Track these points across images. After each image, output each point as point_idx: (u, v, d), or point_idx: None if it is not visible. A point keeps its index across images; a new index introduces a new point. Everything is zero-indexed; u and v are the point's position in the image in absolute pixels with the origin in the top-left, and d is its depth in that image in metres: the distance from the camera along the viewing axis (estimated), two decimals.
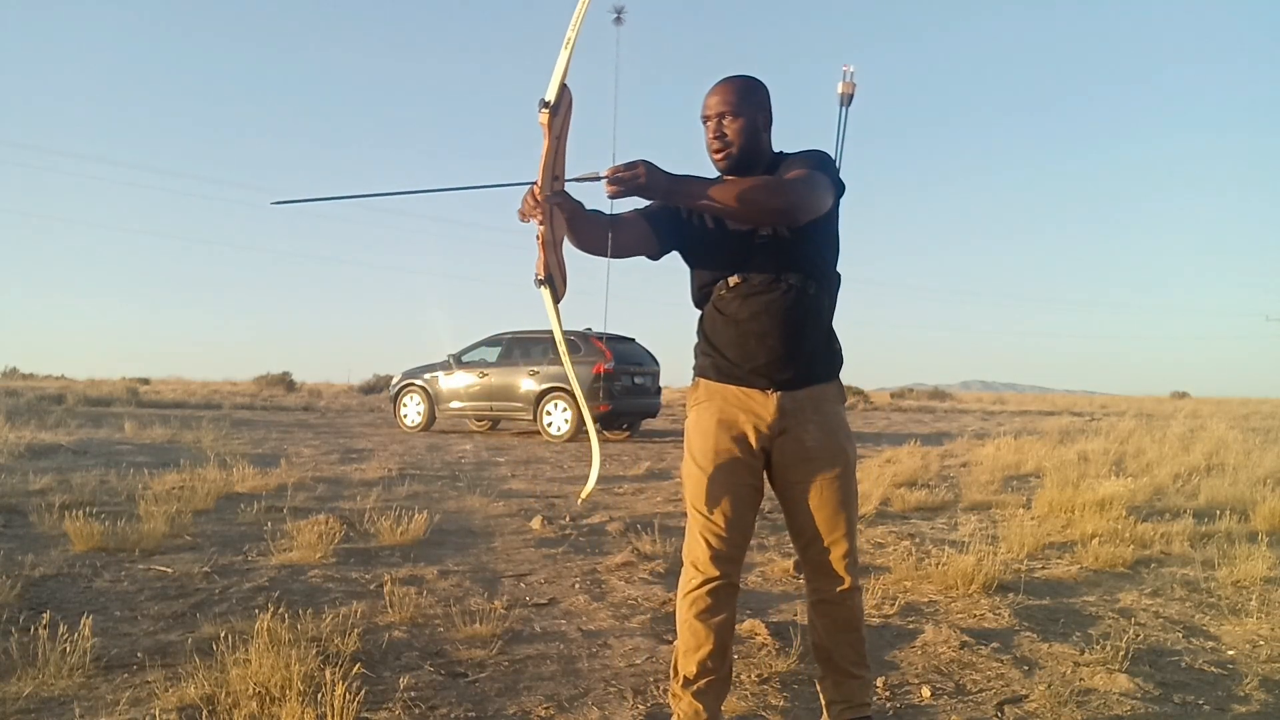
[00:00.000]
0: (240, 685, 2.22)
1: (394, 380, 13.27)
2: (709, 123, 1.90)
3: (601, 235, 1.83)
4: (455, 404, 12.36)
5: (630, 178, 1.65)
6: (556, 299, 1.81)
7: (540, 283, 1.77)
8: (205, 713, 2.12)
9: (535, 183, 1.71)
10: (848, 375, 2.02)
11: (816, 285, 1.89)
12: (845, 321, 2.01)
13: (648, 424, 13.59)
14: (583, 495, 2.09)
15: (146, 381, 28.23)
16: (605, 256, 1.85)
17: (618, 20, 1.71)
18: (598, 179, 1.66)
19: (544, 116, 1.65)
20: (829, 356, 1.96)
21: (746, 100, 1.88)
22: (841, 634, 1.97)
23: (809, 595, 2.01)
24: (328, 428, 13.05)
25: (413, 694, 2.36)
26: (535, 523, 4.96)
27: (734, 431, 1.91)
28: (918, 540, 4.77)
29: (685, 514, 2.01)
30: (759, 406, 1.89)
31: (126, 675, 2.44)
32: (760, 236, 1.87)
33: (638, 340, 12.48)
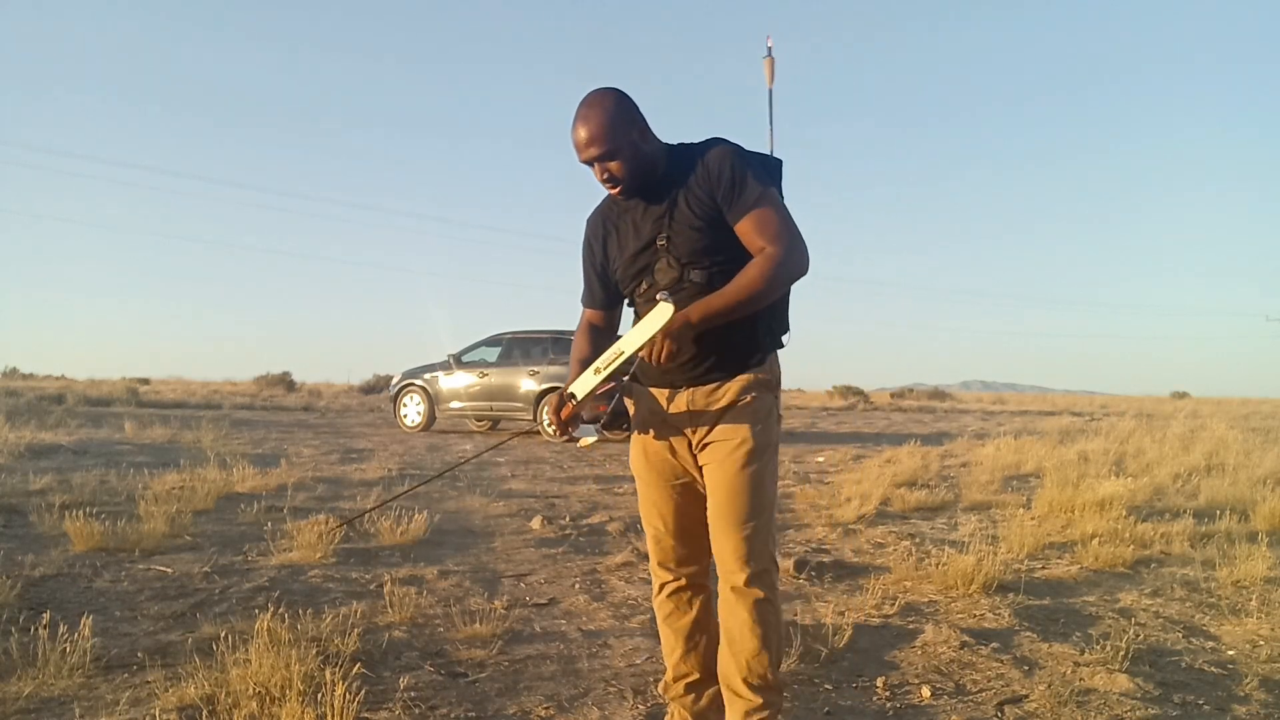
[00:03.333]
0: (240, 685, 2.22)
1: (394, 380, 13.26)
2: (590, 166, 1.83)
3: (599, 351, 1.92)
4: (455, 404, 12.36)
5: (671, 354, 1.71)
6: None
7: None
8: (205, 713, 2.12)
9: (571, 400, 1.86)
10: (848, 375, 2.00)
11: (725, 280, 1.78)
12: (846, 321, 1.99)
13: None
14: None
15: (146, 381, 28.26)
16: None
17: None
18: (626, 374, 1.87)
19: (570, 404, 1.86)
20: (747, 347, 1.85)
21: (616, 133, 1.77)
22: (739, 636, 1.82)
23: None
24: (328, 428, 13.06)
25: (413, 694, 2.36)
26: (535, 523, 4.96)
27: (658, 433, 1.92)
28: (918, 540, 4.77)
29: None
30: (672, 405, 1.88)
31: (126, 675, 2.44)
32: (660, 242, 1.83)
33: None
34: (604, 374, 1.82)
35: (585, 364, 1.89)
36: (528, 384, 11.73)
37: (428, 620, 3.05)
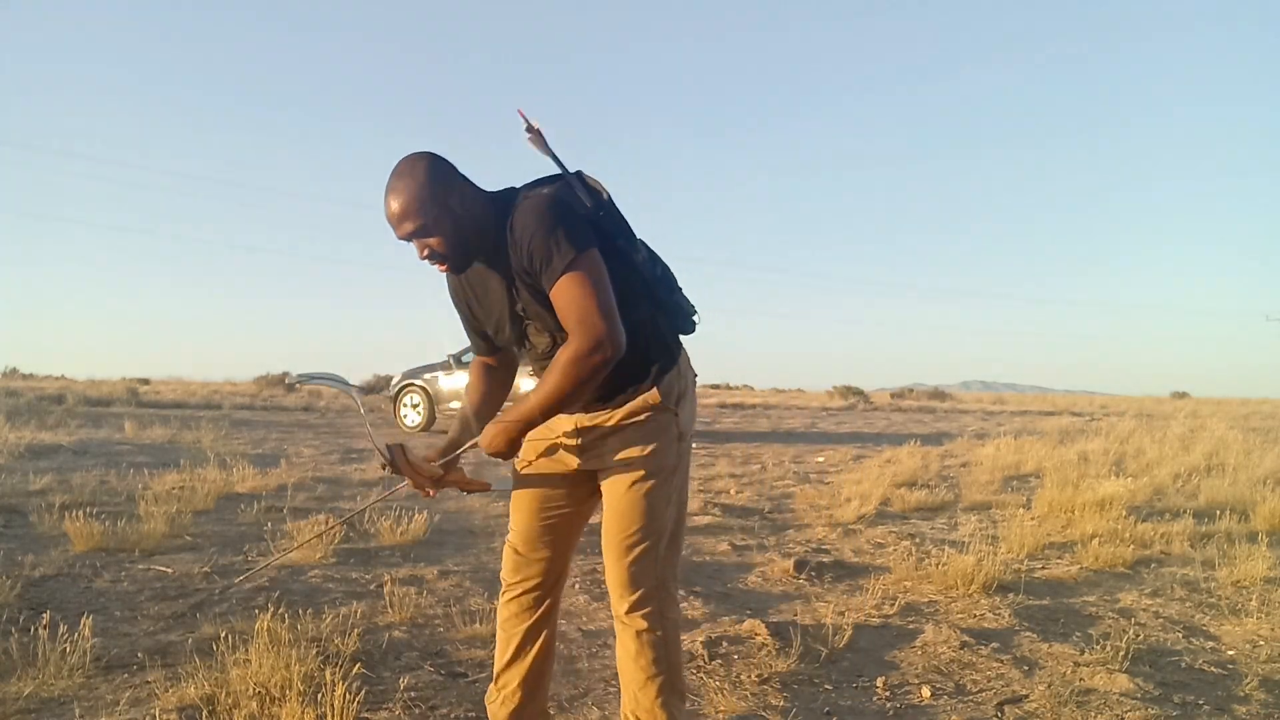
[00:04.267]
0: (240, 685, 2.22)
1: (394, 380, 13.26)
2: (409, 243, 1.67)
3: (495, 397, 1.93)
4: (455, 404, 12.35)
5: (497, 457, 1.70)
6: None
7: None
8: (205, 713, 2.12)
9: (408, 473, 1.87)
10: (848, 375, 1.97)
11: None
12: (846, 321, 1.95)
13: None
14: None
15: (146, 381, 28.25)
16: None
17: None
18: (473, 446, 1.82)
19: (389, 470, 1.86)
20: (633, 373, 1.74)
21: (430, 204, 1.61)
22: (625, 668, 1.78)
23: None
24: (328, 428, 13.05)
25: (413, 694, 2.36)
26: None
27: (547, 453, 1.86)
28: (918, 540, 4.77)
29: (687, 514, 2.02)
30: (563, 429, 1.82)
31: (126, 675, 2.44)
32: (519, 312, 1.74)
33: None
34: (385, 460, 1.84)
35: (477, 416, 1.87)
36: (527, 384, 11.72)
37: (428, 620, 3.05)
